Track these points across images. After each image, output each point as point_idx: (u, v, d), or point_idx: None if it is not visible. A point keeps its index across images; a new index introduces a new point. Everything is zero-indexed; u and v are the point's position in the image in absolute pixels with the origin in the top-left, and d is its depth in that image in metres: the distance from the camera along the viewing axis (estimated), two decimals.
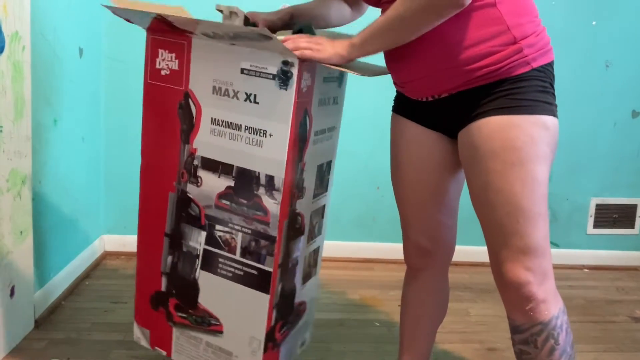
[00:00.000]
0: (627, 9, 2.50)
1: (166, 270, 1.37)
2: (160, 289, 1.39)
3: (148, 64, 1.29)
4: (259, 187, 1.20)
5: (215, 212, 1.27)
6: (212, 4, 1.37)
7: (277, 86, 1.13)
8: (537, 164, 1.05)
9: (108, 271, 2.32)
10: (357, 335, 1.88)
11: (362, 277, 2.40)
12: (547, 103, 1.08)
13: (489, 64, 1.05)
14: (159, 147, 1.32)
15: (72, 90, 2.07)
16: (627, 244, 2.71)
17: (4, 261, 1.58)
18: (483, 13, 1.05)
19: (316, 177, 1.33)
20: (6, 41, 1.51)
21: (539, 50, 1.08)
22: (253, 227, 1.23)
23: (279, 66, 1.12)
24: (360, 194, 2.55)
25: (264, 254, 1.22)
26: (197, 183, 1.28)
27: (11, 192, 1.59)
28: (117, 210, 2.50)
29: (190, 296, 1.34)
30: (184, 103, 1.25)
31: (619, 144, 2.61)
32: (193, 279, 1.32)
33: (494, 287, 1.16)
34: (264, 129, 1.17)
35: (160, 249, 1.37)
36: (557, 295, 1.12)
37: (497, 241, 1.10)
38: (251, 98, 1.17)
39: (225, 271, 1.28)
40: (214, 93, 1.21)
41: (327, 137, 1.34)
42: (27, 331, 1.74)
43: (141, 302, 1.44)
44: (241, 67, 1.17)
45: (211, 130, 1.23)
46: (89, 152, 2.29)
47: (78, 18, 2.11)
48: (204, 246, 1.30)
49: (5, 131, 1.54)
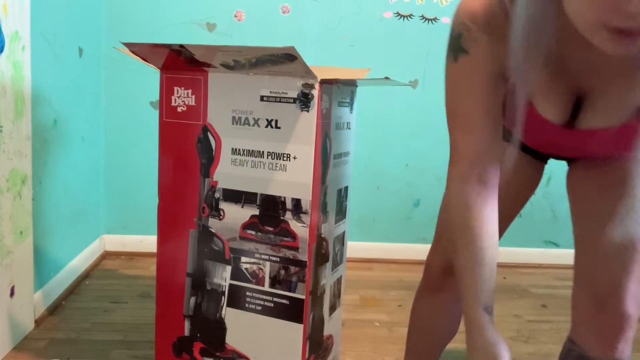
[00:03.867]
0: None
1: (189, 313, 1.32)
2: (183, 334, 1.34)
3: (163, 103, 1.27)
4: (285, 212, 1.19)
5: (240, 243, 1.25)
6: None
7: (298, 109, 1.14)
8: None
9: (108, 271, 2.32)
10: (357, 335, 1.88)
11: (362, 277, 2.40)
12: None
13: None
14: (178, 184, 1.30)
15: (72, 90, 2.07)
16: None
17: (4, 261, 1.58)
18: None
19: (336, 202, 1.33)
20: (6, 41, 1.51)
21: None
22: (281, 254, 1.21)
23: (299, 89, 1.14)
24: (360, 194, 2.55)
25: (295, 281, 1.21)
26: (219, 216, 1.26)
27: (11, 192, 1.59)
28: (117, 210, 2.50)
29: (217, 338, 1.30)
30: (203, 137, 1.25)
31: None
32: (219, 318, 1.29)
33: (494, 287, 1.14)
34: (287, 152, 1.17)
35: (182, 292, 1.32)
36: None
37: (619, 270, 1.01)
38: (272, 124, 1.18)
39: (254, 305, 1.25)
40: (234, 123, 1.21)
41: (344, 161, 1.34)
42: (27, 331, 1.74)
43: (162, 350, 1.38)
44: (260, 95, 1.18)
45: (232, 160, 1.23)
46: (89, 152, 2.29)
47: (78, 18, 2.11)
48: (229, 281, 1.27)
49: (5, 131, 1.54)
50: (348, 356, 1.75)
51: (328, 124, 1.20)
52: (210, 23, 2.42)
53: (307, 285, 1.20)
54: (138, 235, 2.52)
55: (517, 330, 1.96)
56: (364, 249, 2.57)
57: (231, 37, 2.43)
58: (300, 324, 1.21)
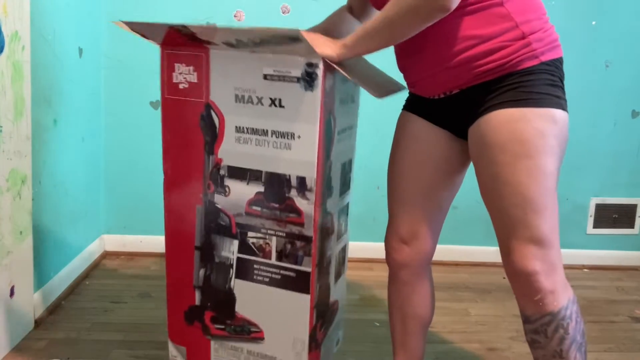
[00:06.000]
0: (627, 9, 2.50)
1: (199, 283, 1.35)
2: (194, 304, 1.37)
3: (164, 79, 1.27)
4: (290, 190, 1.21)
5: (246, 219, 1.27)
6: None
7: (302, 88, 1.14)
8: (544, 157, 1.07)
9: (108, 271, 2.32)
10: (357, 335, 1.88)
11: (362, 277, 2.40)
12: (556, 97, 1.10)
13: (498, 58, 1.08)
14: (182, 161, 1.30)
15: (72, 90, 2.07)
16: (627, 244, 2.70)
17: (4, 261, 1.58)
18: (491, 12, 1.08)
19: (340, 175, 1.34)
20: (6, 41, 1.51)
21: (548, 45, 1.10)
22: (287, 229, 1.23)
23: (303, 68, 1.13)
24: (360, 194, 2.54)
25: (301, 255, 1.23)
26: (225, 193, 1.27)
27: (11, 192, 1.59)
28: (117, 210, 2.50)
29: (227, 306, 1.33)
30: (206, 114, 1.25)
31: (618, 144, 2.61)
32: (228, 289, 1.32)
33: (494, 287, 1.16)
34: (291, 131, 1.18)
35: (191, 264, 1.35)
36: (567, 286, 1.13)
37: (506, 232, 1.12)
38: (276, 102, 1.18)
39: (262, 277, 1.28)
40: (237, 101, 1.21)
41: (347, 135, 1.35)
42: (27, 331, 1.74)
43: (174, 320, 1.41)
44: (264, 73, 1.18)
45: (236, 138, 1.23)
46: (89, 152, 2.29)
47: (78, 18, 2.11)
48: (237, 255, 1.30)
49: (5, 131, 1.54)
50: (348, 356, 1.75)
51: (332, 102, 1.21)
52: (210, 23, 2.41)
53: (313, 259, 1.22)
54: (138, 235, 2.52)
55: (517, 330, 1.96)
56: (364, 249, 2.57)
57: None
58: (307, 294, 1.24)
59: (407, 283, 1.38)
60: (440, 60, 1.12)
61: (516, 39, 1.07)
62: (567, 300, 1.12)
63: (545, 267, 1.09)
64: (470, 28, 1.08)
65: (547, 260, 1.09)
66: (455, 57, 1.10)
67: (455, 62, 1.11)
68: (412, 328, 1.41)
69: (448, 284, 2.33)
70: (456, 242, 2.53)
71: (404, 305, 1.40)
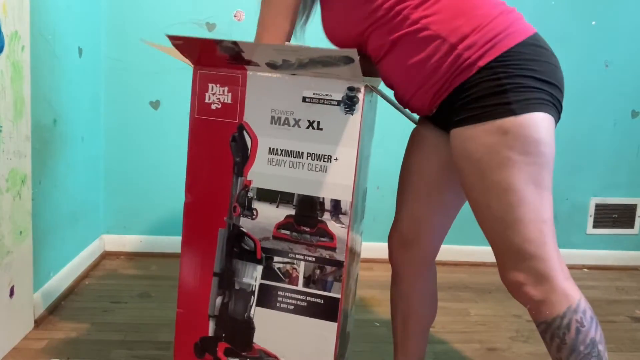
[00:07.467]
0: (627, 9, 2.50)
1: (214, 312, 1.30)
2: (206, 335, 1.32)
3: (196, 100, 1.25)
4: (323, 213, 1.20)
5: (274, 243, 1.24)
6: None
7: (342, 111, 1.15)
8: (500, 172, 1.04)
9: (108, 271, 2.32)
10: (357, 335, 1.88)
11: (362, 277, 2.40)
12: (502, 104, 1.03)
13: (437, 80, 1.09)
14: (207, 182, 1.27)
15: (71, 90, 2.07)
16: (627, 244, 2.71)
17: (4, 261, 1.57)
18: (417, 37, 1.08)
19: (361, 201, 1.35)
20: (5, 41, 1.51)
21: (488, 43, 1.04)
22: (317, 254, 1.21)
23: (345, 92, 1.14)
24: None
25: (331, 280, 1.21)
26: (252, 216, 1.25)
27: (11, 192, 1.59)
28: (116, 210, 2.50)
29: (244, 337, 1.29)
30: (238, 136, 1.23)
31: (618, 144, 2.61)
32: (247, 317, 1.28)
33: (494, 287, 1.16)
34: (328, 154, 1.18)
35: (207, 291, 1.30)
36: (567, 295, 1.09)
37: (493, 248, 1.14)
38: (314, 125, 1.18)
39: (286, 304, 1.25)
40: (273, 123, 1.21)
41: (366, 163, 1.36)
42: (26, 331, 1.74)
43: (182, 353, 1.35)
44: (303, 96, 1.18)
45: (269, 160, 1.22)
46: (89, 152, 2.29)
47: (78, 18, 2.11)
48: (260, 281, 1.26)
49: (5, 131, 1.54)
50: (348, 356, 1.75)
51: (364, 127, 1.22)
52: (210, 23, 2.42)
53: (342, 285, 1.21)
54: (138, 235, 2.52)
55: (517, 330, 1.96)
56: (364, 249, 2.56)
57: (231, 37, 2.43)
58: (334, 322, 1.22)
59: (409, 283, 1.38)
60: (407, 88, 1.16)
61: (446, 54, 1.06)
62: (564, 309, 1.08)
63: (530, 278, 1.08)
64: (409, 56, 1.10)
65: (531, 271, 1.08)
66: (411, 85, 1.14)
67: (414, 89, 1.14)
68: (413, 328, 1.41)
69: (448, 284, 2.33)
70: (456, 242, 2.53)
71: (405, 306, 1.40)
